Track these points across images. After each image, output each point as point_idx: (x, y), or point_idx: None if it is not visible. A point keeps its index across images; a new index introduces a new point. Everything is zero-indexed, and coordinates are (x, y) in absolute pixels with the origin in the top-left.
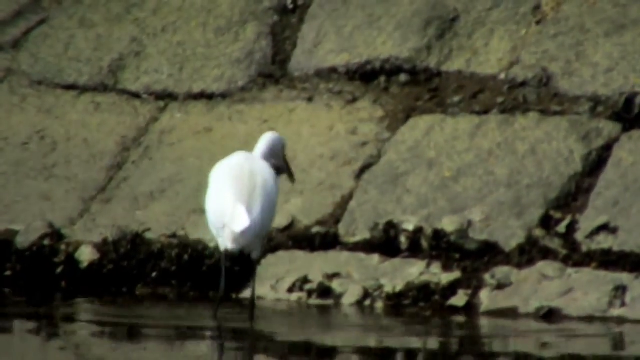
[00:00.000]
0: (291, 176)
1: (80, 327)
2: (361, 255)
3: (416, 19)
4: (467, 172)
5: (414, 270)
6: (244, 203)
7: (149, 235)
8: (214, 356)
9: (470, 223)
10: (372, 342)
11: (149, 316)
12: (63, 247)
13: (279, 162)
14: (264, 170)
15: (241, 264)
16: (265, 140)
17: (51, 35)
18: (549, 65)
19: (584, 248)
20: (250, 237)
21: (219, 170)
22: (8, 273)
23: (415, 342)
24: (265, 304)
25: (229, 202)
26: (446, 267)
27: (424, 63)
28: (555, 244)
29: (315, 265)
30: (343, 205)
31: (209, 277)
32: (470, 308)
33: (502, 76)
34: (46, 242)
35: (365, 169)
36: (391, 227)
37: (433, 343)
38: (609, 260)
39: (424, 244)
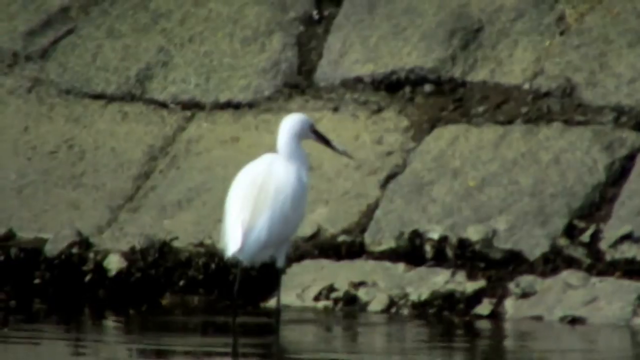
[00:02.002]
0: (338, 151)
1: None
2: (387, 264)
3: (441, 29)
4: (491, 181)
5: (439, 279)
6: (244, 222)
7: (176, 244)
8: None
9: (494, 232)
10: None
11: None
12: (91, 255)
13: (320, 141)
14: (281, 177)
15: (267, 273)
16: (282, 130)
17: (79, 45)
18: (572, 75)
19: (608, 257)
20: (252, 253)
21: (235, 182)
22: (37, 281)
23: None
24: (291, 312)
25: (230, 221)
26: (471, 276)
27: (448, 73)
28: (579, 253)
29: (341, 274)
30: (369, 214)
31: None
32: (495, 316)
33: (526, 86)
34: (75, 250)
35: (390, 179)
36: (416, 236)
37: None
38: (632, 270)
39: (449, 253)
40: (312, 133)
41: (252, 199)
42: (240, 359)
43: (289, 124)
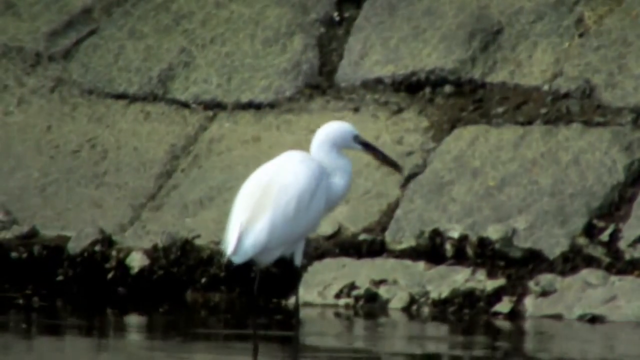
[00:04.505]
0: (391, 164)
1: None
2: (407, 262)
3: (461, 31)
4: (511, 181)
5: (460, 277)
6: (242, 224)
7: (198, 242)
8: None
9: (514, 231)
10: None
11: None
12: (114, 253)
13: (369, 152)
14: (288, 177)
15: (288, 271)
16: (317, 136)
17: (101, 45)
18: (591, 77)
19: (627, 256)
20: (249, 256)
21: (246, 181)
22: (60, 279)
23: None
24: (312, 309)
25: (231, 222)
26: (491, 275)
27: (468, 74)
28: (598, 252)
29: (362, 272)
30: (389, 213)
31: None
32: (514, 314)
33: (546, 88)
34: (97, 248)
35: (411, 178)
36: (437, 235)
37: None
38: None
39: (469, 251)
40: (358, 144)
41: (253, 200)
42: (260, 357)
43: (325, 131)
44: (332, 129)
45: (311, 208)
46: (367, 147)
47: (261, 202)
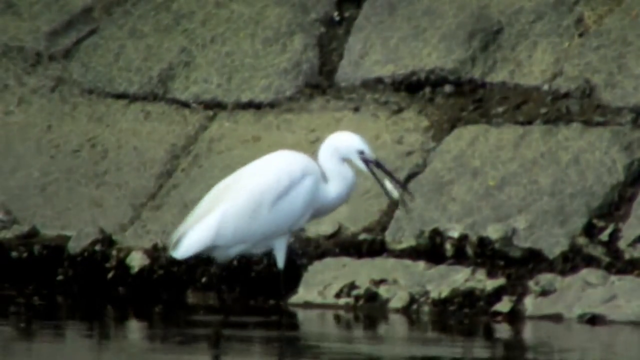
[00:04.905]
0: (401, 193)
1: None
2: (407, 261)
3: (461, 31)
4: (511, 181)
5: (460, 277)
6: (190, 221)
7: None
8: None
9: (514, 231)
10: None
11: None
12: (114, 252)
13: (368, 171)
14: (255, 175)
15: (290, 270)
16: (327, 139)
17: (102, 45)
18: (591, 76)
19: (627, 256)
20: (192, 253)
21: None
22: (60, 278)
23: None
24: (312, 309)
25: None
26: (491, 274)
27: (468, 74)
28: (598, 251)
29: (362, 272)
30: (389, 213)
31: (257, 283)
32: (514, 314)
33: (546, 87)
34: (97, 247)
35: (411, 178)
36: (437, 235)
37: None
38: None
39: (469, 251)
40: (361, 161)
41: (213, 196)
42: (259, 357)
43: (333, 137)
44: (339, 137)
45: (279, 208)
46: (368, 165)
47: (219, 198)
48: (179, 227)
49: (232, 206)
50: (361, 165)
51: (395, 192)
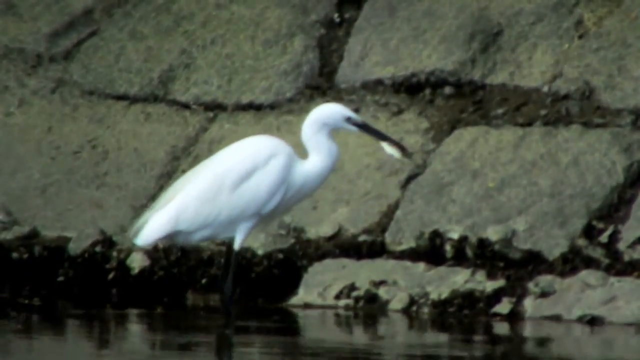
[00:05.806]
0: (395, 144)
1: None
2: (407, 263)
3: (461, 32)
4: (510, 182)
5: (459, 278)
6: (152, 208)
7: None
8: None
9: (514, 232)
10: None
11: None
12: (114, 253)
13: (364, 132)
14: (218, 160)
15: (289, 272)
16: (310, 115)
17: (102, 46)
18: (591, 78)
19: (626, 257)
20: (154, 239)
21: None
22: (60, 279)
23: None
24: (312, 310)
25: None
26: (491, 276)
27: (468, 76)
28: (597, 253)
29: (362, 273)
30: (389, 214)
31: (257, 284)
32: (514, 315)
33: (545, 89)
34: (98, 248)
35: (410, 179)
36: (436, 236)
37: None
38: None
39: (469, 252)
40: (351, 125)
41: (177, 184)
42: (258, 357)
43: (316, 111)
44: (321, 110)
45: (242, 191)
46: (363, 127)
47: (183, 185)
48: (143, 215)
49: (192, 190)
50: (353, 129)
51: (396, 152)
